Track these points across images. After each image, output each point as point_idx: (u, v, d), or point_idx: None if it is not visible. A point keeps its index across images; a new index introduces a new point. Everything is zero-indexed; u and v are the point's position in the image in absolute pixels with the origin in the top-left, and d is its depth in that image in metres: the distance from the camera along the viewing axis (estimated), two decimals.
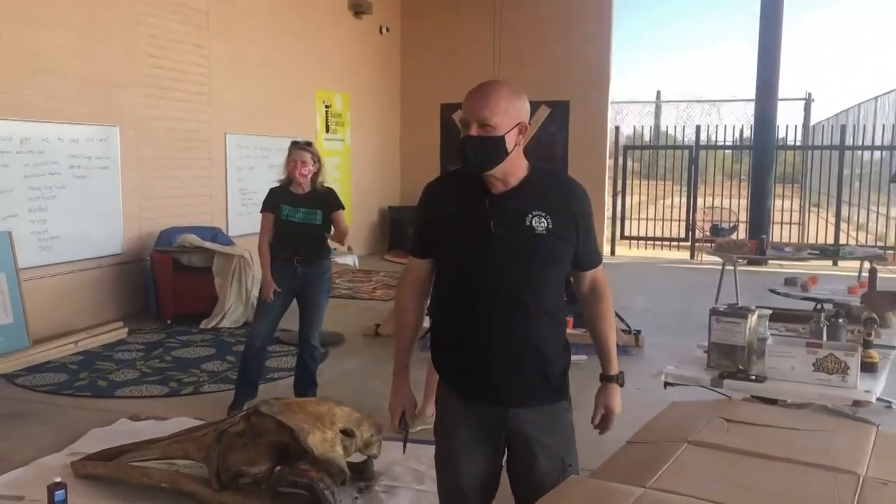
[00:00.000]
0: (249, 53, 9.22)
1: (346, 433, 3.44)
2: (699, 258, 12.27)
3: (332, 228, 4.71)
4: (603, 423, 2.22)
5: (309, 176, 4.66)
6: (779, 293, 5.51)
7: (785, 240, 12.05)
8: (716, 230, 12.26)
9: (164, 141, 7.85)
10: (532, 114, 6.54)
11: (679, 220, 13.14)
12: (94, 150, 6.97)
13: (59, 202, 6.63)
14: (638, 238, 13.38)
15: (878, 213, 13.26)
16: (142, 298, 7.46)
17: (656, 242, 13.36)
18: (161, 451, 3.57)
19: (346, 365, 5.84)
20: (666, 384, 3.01)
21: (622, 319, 6.55)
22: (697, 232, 12.59)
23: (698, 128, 12.50)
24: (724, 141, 12.77)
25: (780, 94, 11.86)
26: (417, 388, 4.59)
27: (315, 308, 4.74)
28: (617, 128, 13.38)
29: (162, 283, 7.18)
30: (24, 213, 6.34)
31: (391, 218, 12.97)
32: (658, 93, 14.72)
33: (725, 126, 12.66)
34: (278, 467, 3.28)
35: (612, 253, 12.84)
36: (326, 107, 11.05)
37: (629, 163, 13.39)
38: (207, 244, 7.33)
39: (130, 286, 7.44)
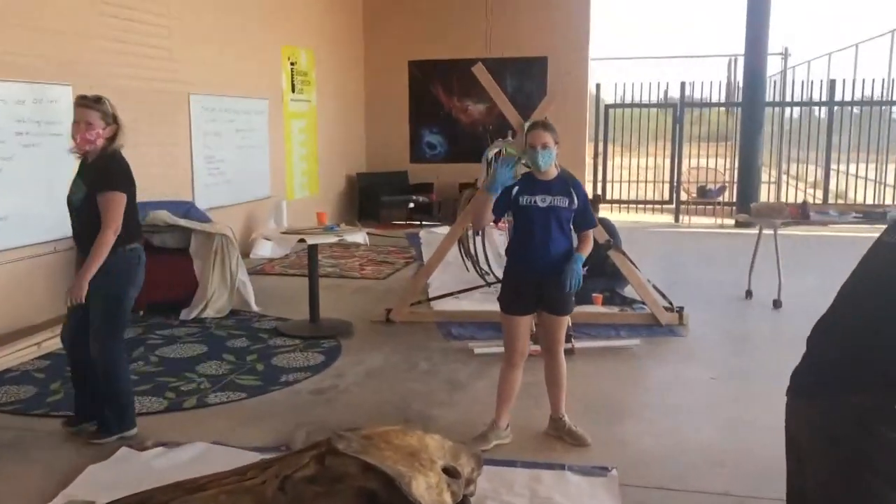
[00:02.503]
0: (211, 2, 8.11)
1: (449, 472, 2.69)
2: (686, 221, 11.80)
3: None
4: None
5: (97, 142, 3.59)
6: None
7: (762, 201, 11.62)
8: (703, 192, 11.79)
9: (121, 102, 6.70)
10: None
11: (661, 182, 12.61)
12: (42, 114, 5.87)
13: (5, 176, 5.55)
14: (619, 202, 12.78)
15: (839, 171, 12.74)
16: None
17: (637, 206, 12.81)
18: None
19: (368, 362, 5.01)
20: None
21: (664, 295, 5.93)
22: (683, 194, 12.09)
23: (683, 84, 11.88)
24: (709, 98, 12.23)
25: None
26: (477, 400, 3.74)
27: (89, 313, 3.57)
28: (598, 85, 12.69)
29: None
30: None
31: (360, 185, 12.05)
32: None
33: (711, 83, 12.10)
34: None
35: None
36: (292, 64, 10.00)
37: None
38: (182, 222, 6.34)
39: None
